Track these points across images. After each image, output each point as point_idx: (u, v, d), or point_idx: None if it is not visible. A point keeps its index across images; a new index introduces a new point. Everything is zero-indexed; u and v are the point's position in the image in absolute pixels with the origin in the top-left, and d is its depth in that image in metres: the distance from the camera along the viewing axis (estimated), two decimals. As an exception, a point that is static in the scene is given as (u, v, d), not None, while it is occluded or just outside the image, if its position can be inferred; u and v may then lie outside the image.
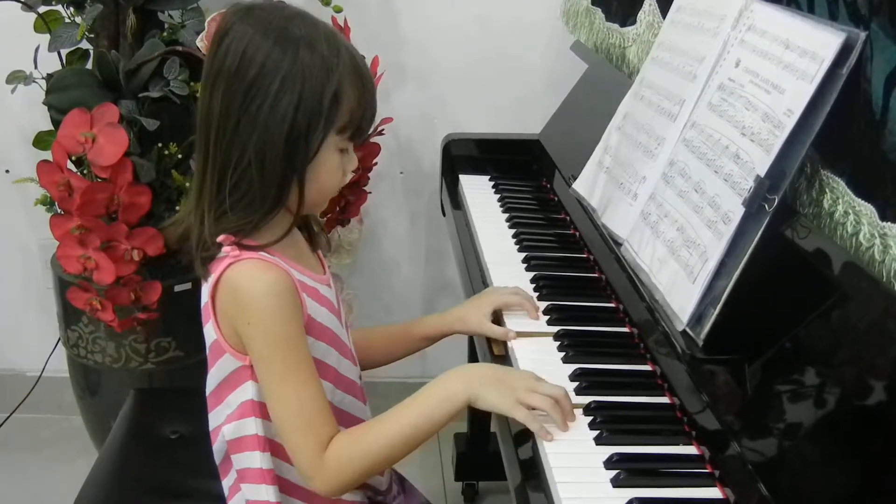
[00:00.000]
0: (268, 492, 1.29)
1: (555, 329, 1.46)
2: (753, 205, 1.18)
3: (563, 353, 1.40)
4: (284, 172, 1.20)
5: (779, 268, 1.19)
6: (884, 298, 1.02)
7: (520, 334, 1.46)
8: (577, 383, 1.31)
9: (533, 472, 1.18)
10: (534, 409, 1.21)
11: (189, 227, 1.27)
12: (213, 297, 1.25)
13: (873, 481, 0.97)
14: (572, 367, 1.35)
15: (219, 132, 1.20)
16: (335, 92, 1.19)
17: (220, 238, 1.22)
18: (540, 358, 1.39)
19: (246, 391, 1.27)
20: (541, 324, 1.49)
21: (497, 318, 1.51)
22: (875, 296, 1.04)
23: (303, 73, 1.17)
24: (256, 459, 1.28)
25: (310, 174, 1.22)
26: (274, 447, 1.28)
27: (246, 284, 1.20)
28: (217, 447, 1.34)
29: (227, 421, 1.31)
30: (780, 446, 1.08)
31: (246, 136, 1.18)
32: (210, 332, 1.28)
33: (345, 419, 1.35)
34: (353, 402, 1.37)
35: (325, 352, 1.29)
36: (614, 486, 1.11)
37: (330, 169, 1.24)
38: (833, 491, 1.01)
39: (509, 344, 1.45)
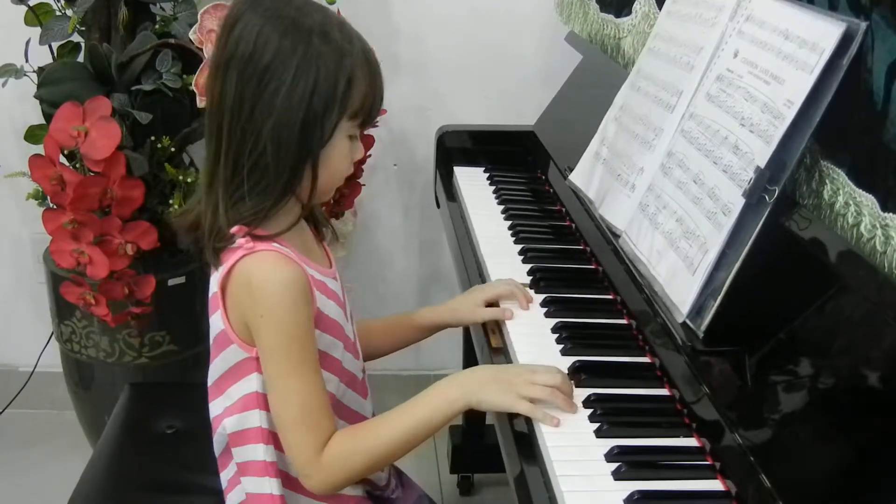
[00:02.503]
0: (271, 485, 1.29)
1: (553, 321, 1.46)
2: (753, 196, 1.18)
3: (561, 346, 1.39)
4: (299, 156, 1.21)
5: (779, 259, 1.19)
6: (885, 289, 1.02)
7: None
8: (576, 376, 1.31)
9: (533, 465, 1.18)
10: (535, 400, 1.22)
11: (199, 215, 1.27)
12: (223, 287, 1.25)
13: (874, 472, 0.97)
14: (571, 359, 1.35)
15: (233, 118, 1.20)
16: (349, 77, 1.20)
17: (234, 229, 1.22)
18: (538, 351, 1.39)
19: (251, 383, 1.27)
20: (538, 317, 1.49)
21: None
22: (876, 287, 1.04)
23: (317, 60, 1.18)
24: (260, 452, 1.28)
25: (322, 159, 1.22)
26: (277, 440, 1.28)
27: (261, 277, 1.20)
28: (217, 439, 1.34)
29: (227, 413, 1.30)
30: (781, 438, 1.08)
31: (261, 121, 1.18)
32: (217, 322, 1.28)
33: (345, 414, 1.34)
34: (354, 396, 1.37)
35: (331, 344, 1.29)
36: (615, 479, 1.11)
37: (341, 155, 1.25)
38: (834, 482, 1.01)
39: (507, 337, 1.44)
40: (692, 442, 1.18)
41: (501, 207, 1.93)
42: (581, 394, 1.26)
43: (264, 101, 1.18)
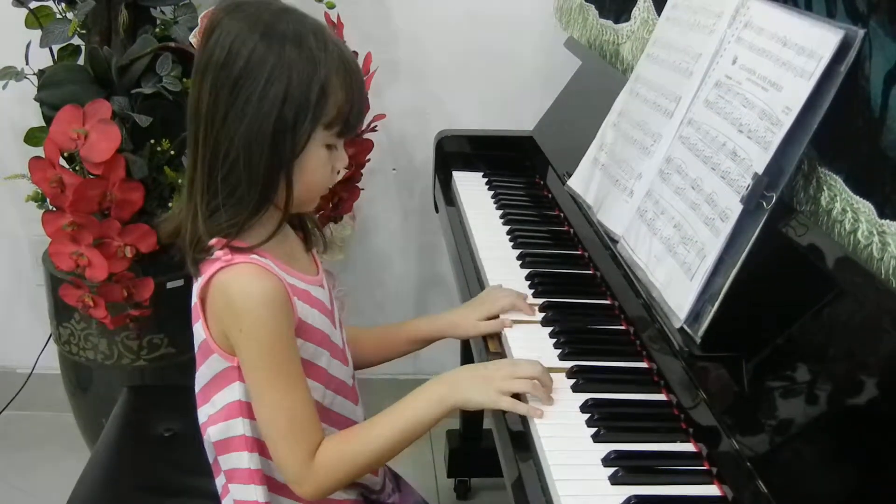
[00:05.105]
0: (256, 492, 1.29)
1: (551, 326, 1.46)
2: (751, 202, 1.18)
3: (559, 351, 1.40)
4: (271, 166, 1.19)
5: (777, 265, 1.19)
6: (882, 296, 1.02)
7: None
8: (573, 380, 1.31)
9: (530, 469, 1.18)
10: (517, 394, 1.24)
11: (181, 222, 1.26)
12: (202, 298, 1.24)
13: (871, 478, 0.97)
14: (569, 364, 1.35)
15: (207, 125, 1.19)
16: (322, 86, 1.18)
17: (213, 241, 1.21)
18: (536, 356, 1.38)
19: (233, 392, 1.27)
20: (536, 322, 1.49)
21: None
22: (873, 293, 1.04)
23: (289, 67, 1.17)
24: (244, 460, 1.28)
25: (297, 169, 1.21)
26: (262, 447, 1.28)
27: (239, 291, 1.20)
28: (206, 446, 1.34)
29: (211, 422, 1.30)
30: (777, 444, 1.08)
31: (233, 129, 1.17)
32: (199, 332, 1.28)
33: (335, 420, 1.34)
34: (343, 402, 1.36)
35: (315, 353, 1.29)
36: (612, 484, 1.11)
37: (317, 165, 1.23)
38: (831, 488, 1.01)
39: (505, 342, 1.45)
40: (689, 447, 1.19)
41: (500, 212, 1.93)
42: (578, 399, 1.27)
43: (236, 108, 1.17)
